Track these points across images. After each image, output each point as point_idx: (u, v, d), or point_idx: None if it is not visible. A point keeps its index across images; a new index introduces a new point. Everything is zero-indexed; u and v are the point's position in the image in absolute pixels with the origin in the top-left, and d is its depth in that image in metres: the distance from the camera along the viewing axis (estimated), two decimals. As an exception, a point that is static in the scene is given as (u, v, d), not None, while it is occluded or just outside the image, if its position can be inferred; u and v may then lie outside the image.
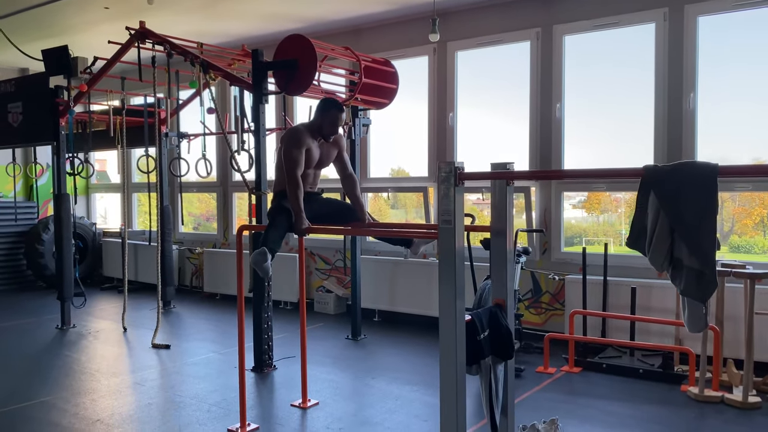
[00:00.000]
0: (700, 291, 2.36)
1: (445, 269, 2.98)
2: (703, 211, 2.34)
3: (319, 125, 4.11)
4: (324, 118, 4.09)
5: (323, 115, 4.09)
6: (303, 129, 4.14)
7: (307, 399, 4.40)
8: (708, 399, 4.35)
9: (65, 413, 4.23)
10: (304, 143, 4.05)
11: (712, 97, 5.37)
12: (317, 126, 4.12)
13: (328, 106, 4.12)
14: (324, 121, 4.09)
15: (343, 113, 4.13)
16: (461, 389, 3.01)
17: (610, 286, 5.49)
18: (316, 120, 4.13)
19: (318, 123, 4.11)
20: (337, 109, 4.10)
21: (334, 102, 4.18)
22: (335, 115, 4.09)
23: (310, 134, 4.11)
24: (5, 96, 7.03)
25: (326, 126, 4.09)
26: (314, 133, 4.12)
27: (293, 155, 4.00)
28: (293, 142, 4.04)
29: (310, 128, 4.14)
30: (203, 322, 7.12)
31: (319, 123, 4.10)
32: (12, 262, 9.27)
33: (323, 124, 4.09)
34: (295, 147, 4.02)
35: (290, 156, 4.00)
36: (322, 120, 4.09)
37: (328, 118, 4.08)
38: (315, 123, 4.14)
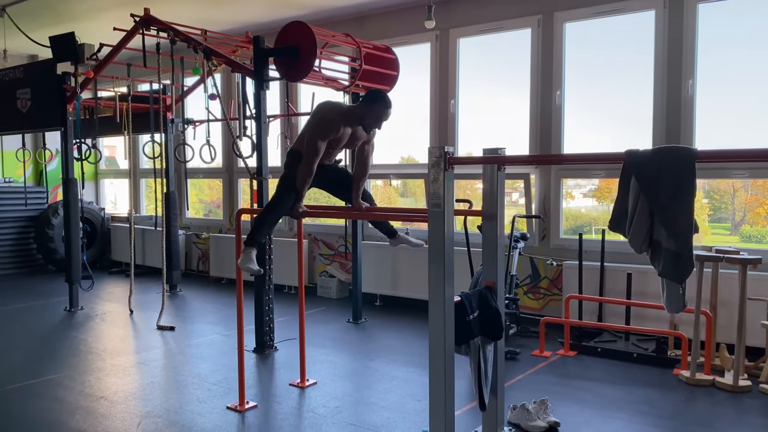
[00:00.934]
0: (678, 272, 2.43)
1: (435, 252, 3.06)
2: (681, 194, 2.41)
3: (362, 115, 3.86)
4: (369, 110, 3.83)
5: (369, 107, 3.83)
6: (338, 115, 3.89)
7: (305, 379, 4.51)
8: (699, 382, 4.42)
9: (71, 390, 4.36)
10: (331, 132, 3.85)
11: (712, 84, 5.39)
12: (359, 115, 3.87)
13: (375, 99, 3.84)
14: (368, 113, 3.84)
15: (390, 109, 3.84)
16: (449, 368, 3.10)
17: (606, 271, 5.55)
18: (361, 109, 3.87)
19: (361, 113, 3.86)
20: (384, 105, 3.82)
21: (382, 96, 3.85)
22: (381, 111, 3.82)
23: (346, 120, 3.88)
24: (14, 82, 7.14)
25: (370, 119, 3.85)
26: (352, 120, 3.89)
27: (317, 145, 3.83)
28: (322, 130, 3.84)
29: (348, 114, 3.90)
30: (208, 305, 7.26)
31: (363, 113, 3.86)
32: (22, 246, 9.45)
33: (366, 115, 3.85)
34: (321, 137, 3.84)
35: (314, 145, 3.84)
36: (366, 111, 3.84)
37: (374, 113, 3.83)
38: (358, 111, 3.88)
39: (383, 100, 3.83)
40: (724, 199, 5.93)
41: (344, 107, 4.00)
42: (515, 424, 3.76)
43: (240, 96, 5.61)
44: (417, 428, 3.72)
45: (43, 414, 3.96)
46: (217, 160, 7.09)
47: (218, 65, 5.76)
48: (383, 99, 3.84)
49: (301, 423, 3.86)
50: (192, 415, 3.94)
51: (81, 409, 4.04)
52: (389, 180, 7.53)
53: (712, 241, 5.65)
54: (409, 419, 3.87)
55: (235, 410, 4.01)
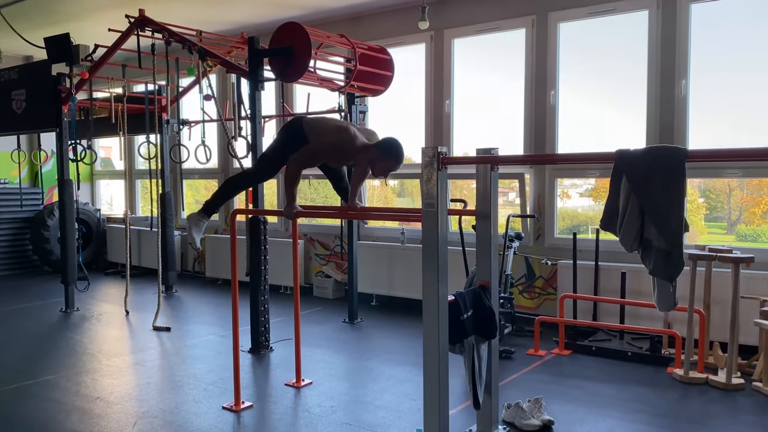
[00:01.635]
0: (668, 271, 2.46)
1: (428, 252, 3.08)
2: (671, 193, 2.43)
3: (373, 160, 3.79)
4: (381, 159, 3.75)
5: (382, 157, 3.75)
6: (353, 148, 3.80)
7: (301, 379, 4.52)
8: (692, 380, 4.45)
9: (67, 391, 4.37)
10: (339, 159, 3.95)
11: (705, 84, 5.42)
12: (371, 158, 3.79)
13: (390, 153, 3.74)
14: (380, 161, 3.76)
15: (399, 164, 3.78)
16: (443, 367, 3.12)
17: (601, 270, 5.57)
18: (374, 154, 3.76)
19: (373, 157, 3.78)
20: (395, 160, 3.75)
21: (397, 152, 3.75)
22: (391, 164, 3.76)
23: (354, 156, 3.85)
24: (9, 83, 7.14)
25: (379, 168, 3.79)
26: (361, 157, 3.84)
27: (314, 159, 3.88)
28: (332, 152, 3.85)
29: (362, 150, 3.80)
30: (204, 306, 7.26)
31: (374, 159, 3.78)
32: (18, 248, 9.44)
33: (377, 163, 3.77)
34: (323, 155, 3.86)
35: (312, 158, 3.86)
36: (378, 158, 3.76)
37: (385, 164, 3.76)
38: (371, 154, 3.78)
39: (396, 157, 3.75)
40: (720, 199, 5.96)
41: (361, 144, 3.84)
42: (509, 423, 3.78)
43: (235, 96, 5.62)
44: (412, 427, 3.74)
45: (39, 415, 3.97)
46: (212, 160, 7.09)
47: (213, 66, 5.76)
48: (397, 155, 3.75)
49: (296, 423, 3.87)
50: (188, 415, 3.95)
51: (77, 409, 4.04)
52: (386, 180, 7.54)
53: (708, 240, 5.68)
54: (405, 418, 3.89)
55: (231, 410, 4.02)
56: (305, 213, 4.18)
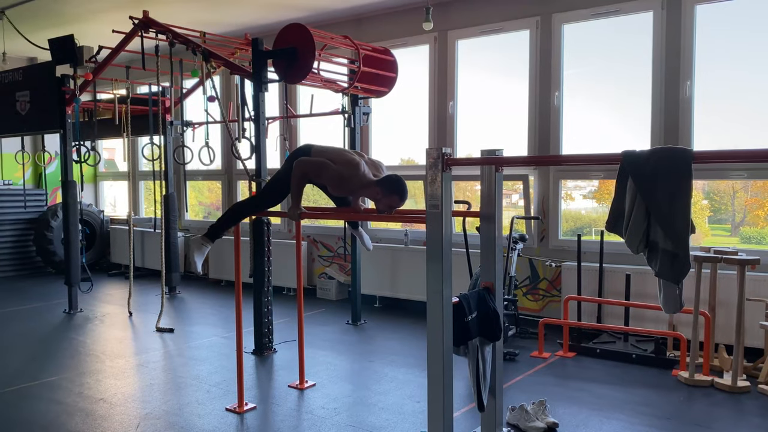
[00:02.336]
0: (674, 272, 2.44)
1: (433, 254, 3.07)
2: (677, 195, 2.41)
3: (376, 196, 3.78)
4: (385, 196, 3.74)
5: (385, 193, 3.74)
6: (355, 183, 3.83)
7: (304, 380, 4.51)
8: (698, 383, 4.42)
9: (70, 392, 4.37)
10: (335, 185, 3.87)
11: (710, 85, 5.40)
12: (373, 194, 3.79)
13: (394, 191, 3.73)
14: (383, 198, 3.75)
15: (402, 202, 3.77)
16: (448, 369, 3.11)
17: (605, 272, 5.55)
18: (378, 191, 3.76)
19: (377, 196, 3.77)
20: (399, 197, 3.73)
21: (400, 190, 3.73)
22: (395, 202, 3.75)
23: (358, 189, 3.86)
24: (13, 85, 7.15)
25: (382, 203, 3.77)
26: (364, 191, 3.86)
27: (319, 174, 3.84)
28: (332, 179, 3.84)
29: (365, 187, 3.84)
30: (208, 307, 7.26)
31: (378, 196, 3.76)
32: (22, 249, 9.45)
33: (381, 200, 3.76)
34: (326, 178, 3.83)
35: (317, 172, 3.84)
36: (382, 195, 3.75)
37: (388, 200, 3.75)
38: (374, 191, 3.78)
39: (400, 194, 3.73)
40: (724, 201, 5.93)
41: (367, 180, 3.85)
42: (514, 425, 3.76)
43: (239, 98, 5.62)
44: (416, 429, 3.72)
45: (41, 416, 3.97)
46: (216, 162, 7.09)
47: (217, 67, 5.76)
48: (400, 193, 3.73)
49: (299, 424, 3.86)
50: (191, 416, 3.94)
51: (80, 410, 4.04)
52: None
53: (712, 242, 5.65)
54: (408, 420, 3.87)
55: (234, 412, 4.01)
56: (309, 215, 4.17)
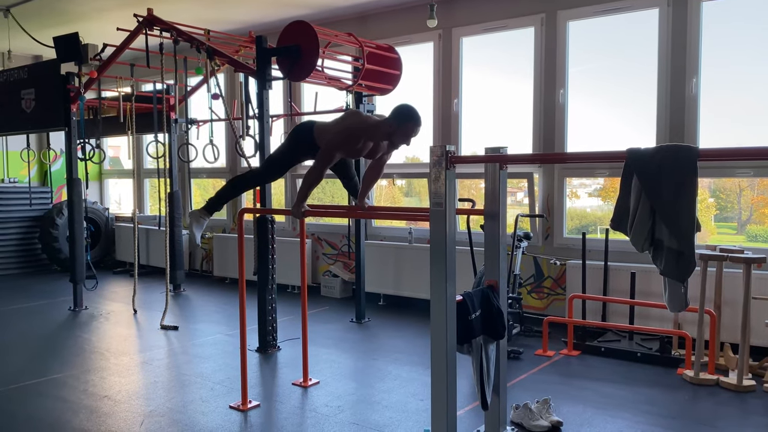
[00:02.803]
0: (680, 271, 2.42)
1: (436, 252, 3.06)
2: (683, 193, 2.40)
3: (390, 132, 3.74)
4: (399, 127, 3.70)
5: (398, 124, 3.69)
6: (365, 129, 3.78)
7: (308, 378, 4.51)
8: (703, 382, 4.40)
9: (74, 390, 4.38)
10: (352, 144, 3.77)
11: (716, 83, 5.37)
12: (387, 132, 3.75)
13: (406, 117, 3.69)
14: (398, 130, 3.71)
15: (419, 126, 3.73)
16: (451, 367, 3.10)
17: (610, 271, 5.53)
18: (390, 124, 3.72)
19: (390, 129, 3.73)
20: (414, 122, 3.70)
21: (412, 114, 3.70)
22: (410, 128, 3.70)
23: (372, 135, 3.79)
24: (19, 83, 7.17)
25: (399, 136, 3.73)
26: (378, 136, 3.79)
27: (332, 155, 3.77)
28: (343, 140, 3.76)
29: (375, 129, 3.78)
30: (212, 304, 7.26)
31: (392, 130, 3.73)
32: (27, 246, 9.48)
33: (396, 132, 3.72)
34: (340, 147, 3.77)
35: (330, 154, 3.77)
36: (396, 128, 3.71)
37: (403, 130, 3.70)
38: (386, 126, 3.74)
39: (414, 118, 3.69)
40: (730, 198, 5.90)
41: (373, 121, 3.84)
42: (518, 424, 3.75)
43: (243, 96, 5.62)
44: (419, 428, 3.72)
45: (46, 413, 3.98)
46: (220, 159, 7.10)
47: (221, 65, 5.76)
48: (414, 117, 3.69)
49: (303, 422, 3.86)
50: (195, 414, 3.95)
51: (84, 408, 4.05)
52: (393, 180, 7.53)
53: (718, 241, 5.62)
54: (412, 419, 3.87)
55: (238, 409, 4.02)
56: (313, 212, 4.17)
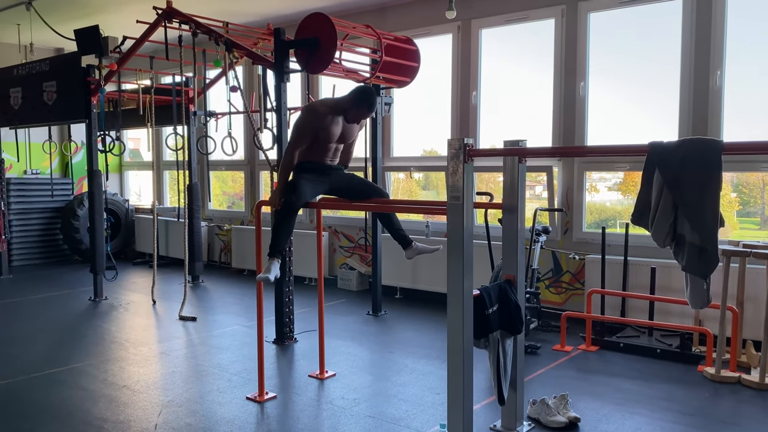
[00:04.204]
0: (702, 267, 2.38)
1: (453, 245, 3.04)
2: (706, 187, 2.35)
3: (346, 109, 4.10)
4: (354, 106, 4.07)
5: (354, 104, 4.07)
6: (325, 107, 4.12)
7: (324, 370, 4.52)
8: (724, 379, 4.34)
9: (94, 379, 4.43)
10: (318, 123, 4.04)
11: (742, 75, 5.26)
12: (344, 108, 4.11)
13: (361, 100, 4.07)
14: (352, 108, 4.08)
15: (372, 111, 4.12)
16: (468, 362, 3.08)
17: (630, 266, 5.46)
18: (347, 102, 4.10)
19: (347, 106, 4.10)
20: (367, 107, 4.07)
21: (368, 97, 4.08)
22: (363, 113, 4.11)
23: (334, 111, 4.09)
24: (41, 75, 7.25)
25: (352, 113, 4.10)
26: (339, 111, 4.11)
27: (299, 134, 4.05)
28: (306, 120, 4.06)
29: (335, 105, 4.12)
30: (230, 296, 7.31)
31: (347, 107, 4.09)
32: (49, 237, 9.61)
33: (350, 110, 4.09)
34: (306, 127, 4.04)
35: (297, 131, 4.06)
36: (351, 106, 4.08)
37: (357, 112, 4.09)
38: (344, 104, 4.11)
39: (367, 105, 4.05)
40: (754, 193, 5.79)
41: (332, 100, 4.21)
42: (535, 419, 3.72)
43: (261, 88, 5.62)
44: (435, 421, 3.71)
45: (66, 401, 4.03)
46: (238, 152, 7.12)
47: (240, 57, 5.77)
48: (368, 104, 4.05)
49: (319, 414, 3.87)
50: (212, 404, 3.98)
51: (104, 397, 4.10)
52: (410, 173, 7.51)
53: (740, 236, 5.52)
54: (428, 412, 3.86)
55: (255, 401, 4.04)
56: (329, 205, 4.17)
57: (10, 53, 8.98)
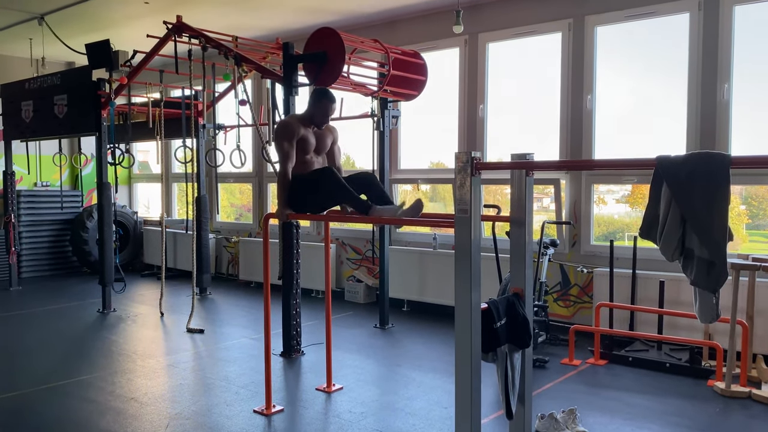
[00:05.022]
0: (711, 281, 2.36)
1: (461, 259, 3.03)
2: (715, 201, 2.34)
3: (311, 114, 4.20)
4: (315, 108, 4.17)
5: (314, 105, 4.18)
6: (293, 120, 4.24)
7: (331, 383, 4.51)
8: (734, 394, 4.30)
9: (102, 391, 4.44)
10: (294, 134, 4.11)
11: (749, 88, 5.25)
12: (309, 116, 4.21)
13: (319, 96, 4.19)
14: (315, 111, 4.18)
15: (333, 103, 4.21)
16: (476, 376, 3.07)
17: (638, 279, 5.44)
18: (309, 110, 4.21)
19: (310, 112, 4.20)
20: (328, 99, 4.18)
21: (324, 92, 4.23)
22: (326, 106, 4.17)
23: (302, 123, 4.19)
24: (52, 88, 7.33)
25: (317, 116, 4.18)
26: (306, 122, 4.21)
27: (284, 148, 4.10)
28: (283, 135, 4.12)
29: (301, 118, 4.23)
30: (238, 308, 7.32)
31: (311, 112, 4.19)
32: (58, 249, 9.67)
33: (315, 113, 4.18)
34: (285, 139, 4.10)
35: (281, 149, 4.12)
36: (314, 110, 4.18)
37: (320, 108, 4.17)
38: (307, 112, 4.23)
39: (326, 96, 4.18)
40: (763, 206, 5.77)
41: (297, 114, 4.35)
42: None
43: (270, 101, 5.66)
44: (443, 436, 3.69)
45: (74, 414, 4.04)
46: (247, 165, 7.16)
47: (248, 71, 5.82)
48: (325, 94, 4.20)
49: (326, 428, 3.86)
50: (219, 417, 3.98)
51: (111, 409, 4.10)
52: (417, 185, 7.52)
53: (749, 250, 5.49)
54: (435, 427, 3.84)
55: (262, 414, 4.03)
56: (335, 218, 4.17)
57: (22, 67, 9.10)
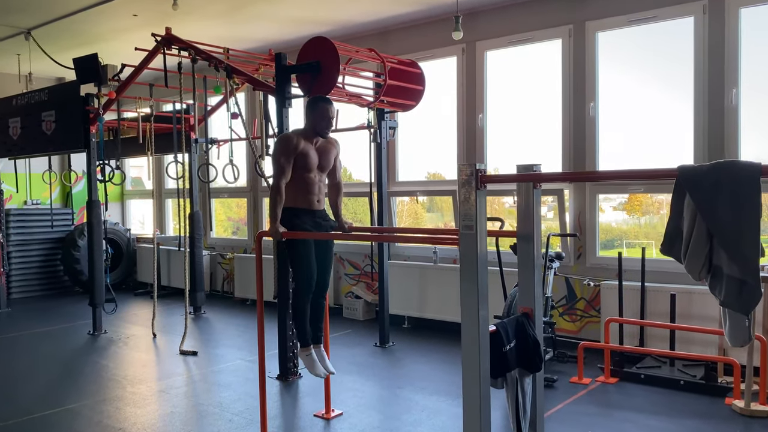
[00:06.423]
0: (743, 302, 2.17)
1: (467, 277, 2.84)
2: (744, 213, 2.15)
3: (312, 124, 4.01)
4: (314, 115, 4.00)
5: (313, 113, 4.00)
6: (293, 134, 4.05)
7: (330, 409, 4.29)
8: (755, 413, 4.09)
9: (89, 421, 4.21)
10: (293, 149, 3.94)
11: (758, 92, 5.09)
12: (310, 127, 4.03)
13: (314, 101, 4.04)
14: (315, 118, 3.99)
15: (331, 105, 4.04)
16: (485, 403, 2.86)
17: (648, 292, 5.24)
18: (308, 120, 4.04)
19: (310, 123, 4.03)
20: (324, 101, 4.03)
21: (319, 96, 4.11)
22: (324, 108, 3.99)
23: (304, 137, 4.01)
24: (40, 105, 7.14)
25: (318, 122, 3.99)
26: (308, 135, 4.02)
27: (280, 162, 3.94)
28: (280, 149, 3.96)
29: (303, 132, 4.05)
30: (233, 328, 7.10)
31: (312, 122, 4.02)
32: (49, 268, 9.44)
33: (315, 121, 4.00)
34: (282, 154, 3.94)
35: (277, 163, 3.95)
36: (313, 118, 4.00)
37: (318, 113, 3.98)
38: (307, 124, 4.06)
39: (321, 99, 4.07)
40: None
41: (298, 129, 4.14)
42: (556, 461, 3.48)
43: (263, 114, 5.48)
44: (450, 465, 3.48)
45: (58, 447, 3.81)
46: (241, 179, 6.97)
47: (240, 84, 5.64)
48: (321, 97, 4.10)
49: (326, 458, 3.64)
50: (212, 448, 3.75)
51: (98, 441, 3.88)
52: (416, 198, 7.33)
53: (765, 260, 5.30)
54: (441, 455, 3.63)
55: (257, 444, 3.82)
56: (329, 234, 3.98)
57: (9, 83, 8.90)
